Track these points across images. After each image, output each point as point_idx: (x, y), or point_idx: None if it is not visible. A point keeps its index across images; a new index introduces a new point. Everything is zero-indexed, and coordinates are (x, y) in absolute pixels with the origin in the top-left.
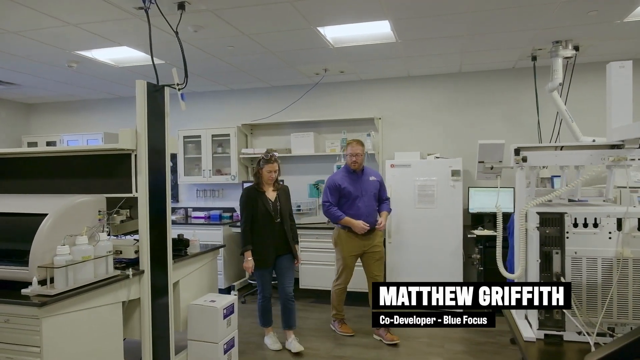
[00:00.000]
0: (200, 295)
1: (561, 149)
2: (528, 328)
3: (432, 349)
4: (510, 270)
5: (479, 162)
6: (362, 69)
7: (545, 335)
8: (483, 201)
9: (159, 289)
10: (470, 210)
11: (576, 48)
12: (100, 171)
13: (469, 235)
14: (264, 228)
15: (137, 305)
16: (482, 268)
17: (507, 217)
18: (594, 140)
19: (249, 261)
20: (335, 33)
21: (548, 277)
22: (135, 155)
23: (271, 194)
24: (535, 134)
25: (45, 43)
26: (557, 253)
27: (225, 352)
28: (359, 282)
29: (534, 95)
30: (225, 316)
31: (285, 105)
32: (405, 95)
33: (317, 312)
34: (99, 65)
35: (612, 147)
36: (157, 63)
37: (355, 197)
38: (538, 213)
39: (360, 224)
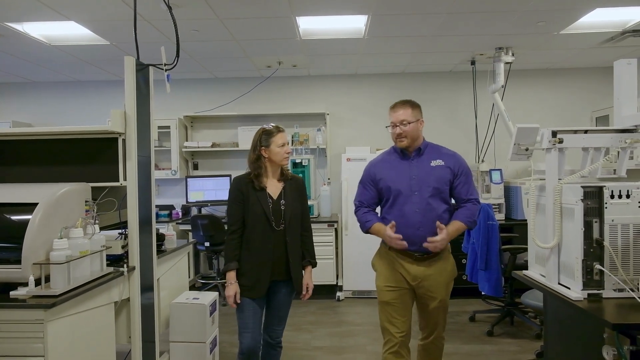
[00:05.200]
0: (177, 293)
1: (585, 133)
2: (569, 291)
3: None
4: (474, 263)
5: (515, 144)
6: (316, 63)
7: (588, 294)
8: None
9: (146, 287)
10: None
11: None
12: (79, 157)
13: None
14: (258, 239)
15: (121, 306)
16: None
17: None
18: None
19: (231, 287)
20: (308, 24)
21: (589, 243)
22: (124, 139)
23: (274, 188)
24: (472, 130)
25: None
26: (596, 222)
27: (210, 351)
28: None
29: (469, 95)
30: (210, 313)
31: (228, 98)
32: (352, 92)
33: None
34: (26, 42)
35: (623, 131)
36: (102, 44)
37: (398, 194)
38: (582, 187)
39: (390, 235)
